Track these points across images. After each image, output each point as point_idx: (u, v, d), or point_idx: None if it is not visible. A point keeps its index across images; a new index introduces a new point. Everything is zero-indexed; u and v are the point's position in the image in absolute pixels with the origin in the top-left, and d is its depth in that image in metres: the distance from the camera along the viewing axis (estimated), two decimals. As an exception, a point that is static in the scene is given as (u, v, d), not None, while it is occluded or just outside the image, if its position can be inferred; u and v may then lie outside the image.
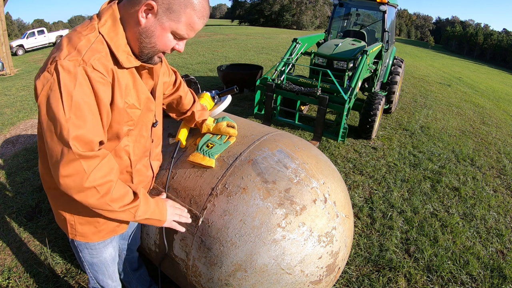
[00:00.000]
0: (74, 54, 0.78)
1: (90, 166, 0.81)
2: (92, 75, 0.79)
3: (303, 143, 1.43)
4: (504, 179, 3.68)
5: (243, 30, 23.87)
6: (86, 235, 1.08)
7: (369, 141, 4.24)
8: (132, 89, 0.93)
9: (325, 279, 1.24)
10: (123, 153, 1.01)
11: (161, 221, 1.08)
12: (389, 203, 2.89)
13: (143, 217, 0.99)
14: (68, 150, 0.78)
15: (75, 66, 0.77)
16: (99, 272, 1.23)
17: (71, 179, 0.80)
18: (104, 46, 0.83)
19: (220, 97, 1.62)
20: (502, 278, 2.17)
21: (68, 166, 0.79)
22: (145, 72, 0.98)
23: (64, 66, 0.77)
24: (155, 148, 1.19)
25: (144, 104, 0.99)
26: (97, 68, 0.80)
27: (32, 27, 70.45)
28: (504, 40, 58.08)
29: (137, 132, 1.02)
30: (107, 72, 0.82)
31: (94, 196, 0.84)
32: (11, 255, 2.10)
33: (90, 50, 0.80)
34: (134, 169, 1.07)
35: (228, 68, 6.37)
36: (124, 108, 0.90)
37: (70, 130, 0.77)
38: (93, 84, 0.79)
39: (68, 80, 0.76)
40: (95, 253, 1.16)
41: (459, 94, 8.28)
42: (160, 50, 0.89)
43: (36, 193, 2.76)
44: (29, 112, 4.92)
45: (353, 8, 5.55)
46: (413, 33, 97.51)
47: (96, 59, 0.80)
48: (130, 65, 0.88)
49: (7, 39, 9.18)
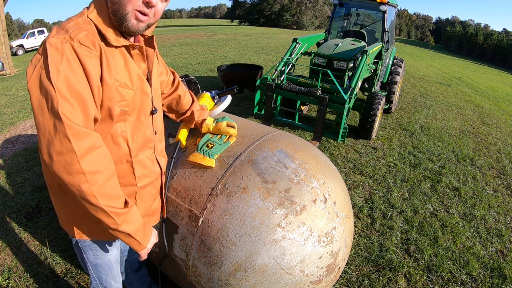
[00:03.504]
0: (62, 32, 0.81)
1: (81, 147, 0.79)
2: (79, 50, 0.80)
3: (303, 143, 1.43)
4: (504, 179, 3.68)
5: (243, 30, 23.87)
6: (94, 232, 1.07)
7: (369, 141, 4.24)
8: (123, 69, 0.93)
9: (325, 279, 1.24)
10: (121, 139, 0.98)
11: (141, 245, 1.00)
12: (389, 203, 2.89)
13: (125, 230, 0.92)
14: (60, 122, 0.77)
15: (62, 42, 0.79)
16: (103, 273, 1.23)
17: (63, 157, 0.78)
18: (91, 26, 0.86)
19: (220, 97, 1.62)
20: (502, 278, 2.17)
21: (60, 142, 0.78)
22: (136, 53, 0.98)
23: (52, 43, 0.79)
24: (159, 143, 1.16)
25: (137, 85, 0.97)
26: (84, 43, 0.81)
27: (32, 27, 70.47)
28: (504, 40, 58.07)
29: (134, 117, 1.00)
30: (94, 46, 0.84)
31: (81, 182, 0.81)
32: (11, 255, 2.10)
33: (77, 29, 0.83)
34: (135, 159, 1.03)
35: (228, 68, 6.37)
36: (115, 86, 0.89)
37: (59, 101, 0.77)
38: (80, 58, 0.80)
39: (55, 56, 0.78)
40: (99, 254, 1.16)
41: (459, 94, 8.28)
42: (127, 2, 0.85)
43: (36, 193, 2.76)
44: (29, 112, 4.92)
45: (353, 8, 5.55)
46: (413, 33, 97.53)
47: (83, 35, 0.82)
48: (119, 43, 0.89)
49: (7, 39, 9.18)
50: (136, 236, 0.96)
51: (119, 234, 0.94)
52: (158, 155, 1.16)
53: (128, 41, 0.92)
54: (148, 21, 0.91)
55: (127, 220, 0.92)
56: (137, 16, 0.88)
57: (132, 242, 0.98)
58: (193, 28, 25.72)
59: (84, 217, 1.03)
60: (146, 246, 1.03)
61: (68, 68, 0.78)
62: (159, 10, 0.92)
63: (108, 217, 0.87)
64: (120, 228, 0.91)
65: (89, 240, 1.10)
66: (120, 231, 0.92)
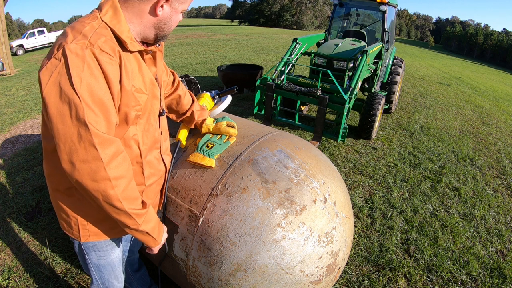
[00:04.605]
0: (80, 37, 0.79)
1: (107, 154, 0.80)
2: (100, 57, 0.79)
3: (303, 143, 1.43)
4: (504, 179, 3.68)
5: (243, 30, 23.87)
6: (99, 233, 1.07)
7: (369, 141, 4.24)
8: (138, 73, 0.94)
9: (325, 279, 1.24)
10: (132, 142, 0.99)
11: (156, 242, 1.03)
12: (389, 203, 2.89)
13: (145, 229, 0.96)
14: (86, 130, 0.76)
15: (83, 48, 0.78)
16: (105, 273, 1.22)
17: (88, 165, 0.78)
18: (108, 31, 0.85)
19: (220, 97, 1.62)
20: (502, 278, 2.17)
21: (85, 151, 0.77)
22: (149, 57, 0.99)
23: (72, 49, 0.77)
24: (164, 142, 1.18)
25: (149, 89, 0.99)
26: (105, 50, 0.81)
27: (32, 27, 70.37)
28: (504, 40, 58.05)
29: (145, 120, 1.02)
30: (114, 53, 0.83)
31: (107, 188, 0.82)
32: (11, 255, 2.10)
33: (96, 34, 0.81)
34: (145, 160, 1.05)
35: (228, 68, 6.37)
36: (132, 91, 0.90)
37: (85, 110, 0.76)
38: (102, 65, 0.80)
39: (76, 63, 0.76)
40: (102, 255, 1.15)
41: (459, 94, 8.28)
42: (172, 26, 0.96)
43: (36, 193, 2.76)
44: (29, 112, 4.92)
45: (353, 8, 5.55)
46: (413, 33, 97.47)
47: (102, 41, 0.81)
48: (135, 49, 0.89)
49: (7, 39, 9.18)
50: (153, 234, 1.00)
51: (137, 233, 0.97)
52: (164, 154, 1.18)
53: (143, 46, 0.93)
54: None
55: (146, 220, 0.96)
56: None
57: (149, 239, 1.01)
58: (193, 28, 25.71)
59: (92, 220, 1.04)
60: (160, 242, 1.06)
61: (90, 76, 0.78)
62: None
63: (130, 219, 0.90)
64: (140, 228, 0.94)
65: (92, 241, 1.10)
66: (140, 231, 0.96)
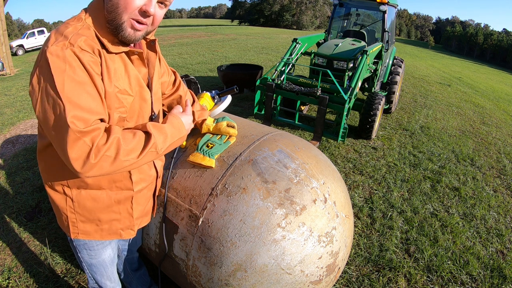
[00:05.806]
0: (61, 39, 0.80)
1: (93, 138, 0.79)
2: (81, 55, 0.80)
3: (303, 143, 1.43)
4: (504, 179, 3.68)
5: (243, 30, 23.87)
6: (88, 232, 1.08)
7: (369, 141, 4.24)
8: (123, 75, 0.92)
9: (325, 279, 1.24)
10: None
11: (182, 138, 1.02)
12: (389, 203, 2.89)
13: (165, 146, 0.93)
14: (68, 129, 0.77)
15: (63, 49, 0.78)
16: (97, 273, 1.24)
17: (81, 160, 0.78)
18: (90, 31, 0.85)
19: (220, 97, 1.62)
20: (502, 278, 2.17)
21: (73, 148, 0.77)
22: (136, 58, 0.97)
23: (52, 52, 0.78)
24: None
25: (136, 91, 0.97)
26: (85, 49, 0.81)
27: (32, 27, 70.47)
28: (504, 40, 58.04)
29: (133, 123, 1.00)
30: (94, 52, 0.84)
31: (107, 162, 0.81)
32: (11, 255, 2.10)
33: (76, 35, 0.82)
34: None
35: (228, 68, 6.37)
36: (114, 93, 0.89)
37: (67, 109, 0.77)
38: (83, 63, 0.80)
39: (58, 64, 0.78)
40: (93, 254, 1.16)
41: (459, 94, 8.28)
42: (123, 11, 0.83)
43: (36, 193, 2.76)
44: (29, 112, 4.92)
45: (353, 8, 5.55)
46: (413, 33, 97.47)
47: (82, 40, 0.82)
48: (117, 50, 0.89)
49: (7, 39, 9.18)
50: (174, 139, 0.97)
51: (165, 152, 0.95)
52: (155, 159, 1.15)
53: (127, 47, 0.91)
54: (145, 29, 0.90)
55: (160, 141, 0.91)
56: (133, 25, 0.86)
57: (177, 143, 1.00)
58: (193, 28, 25.72)
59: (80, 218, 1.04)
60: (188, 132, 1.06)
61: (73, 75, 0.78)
62: (158, 17, 0.90)
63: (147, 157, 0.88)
64: (161, 152, 0.92)
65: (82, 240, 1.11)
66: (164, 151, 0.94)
